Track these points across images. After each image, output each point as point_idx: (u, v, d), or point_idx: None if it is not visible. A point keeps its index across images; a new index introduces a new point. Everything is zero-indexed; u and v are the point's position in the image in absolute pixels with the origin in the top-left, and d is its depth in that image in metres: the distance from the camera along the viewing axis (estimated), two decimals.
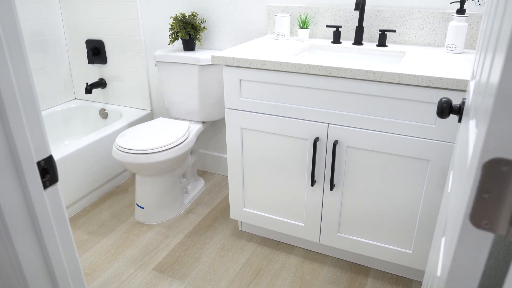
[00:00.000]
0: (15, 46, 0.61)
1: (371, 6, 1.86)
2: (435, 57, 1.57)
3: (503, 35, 0.51)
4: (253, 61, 1.56)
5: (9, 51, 0.60)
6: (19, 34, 0.61)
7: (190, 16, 2.15)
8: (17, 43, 0.61)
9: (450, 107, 0.99)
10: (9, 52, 0.60)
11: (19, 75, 0.62)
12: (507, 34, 0.47)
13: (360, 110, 1.48)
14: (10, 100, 0.61)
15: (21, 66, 0.62)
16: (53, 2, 2.63)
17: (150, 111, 2.68)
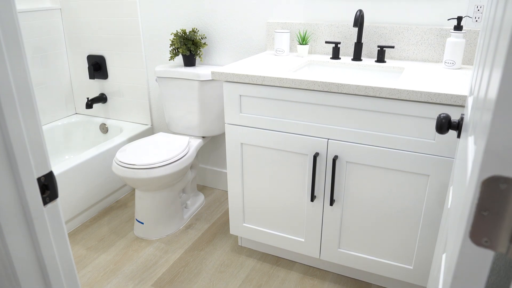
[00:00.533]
0: (18, 62, 0.62)
1: (370, 23, 1.88)
2: (433, 73, 1.58)
3: (499, 51, 0.52)
4: (253, 77, 1.58)
5: (12, 67, 0.61)
6: (22, 50, 0.62)
7: (190, 32, 2.18)
8: (19, 59, 0.62)
9: (449, 122, 1.00)
10: (11, 67, 0.61)
11: (21, 91, 0.63)
12: (503, 50, 0.47)
13: (359, 126, 1.48)
14: (12, 116, 0.61)
15: (23, 82, 0.63)
16: (56, 18, 2.66)
17: (150, 126, 2.69)
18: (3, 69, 0.59)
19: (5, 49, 0.59)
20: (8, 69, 0.60)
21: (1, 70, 0.58)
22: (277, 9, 2.06)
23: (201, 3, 2.23)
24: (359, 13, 1.68)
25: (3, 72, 0.59)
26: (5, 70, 0.59)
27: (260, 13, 2.10)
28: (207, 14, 2.24)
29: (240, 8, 2.14)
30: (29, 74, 0.64)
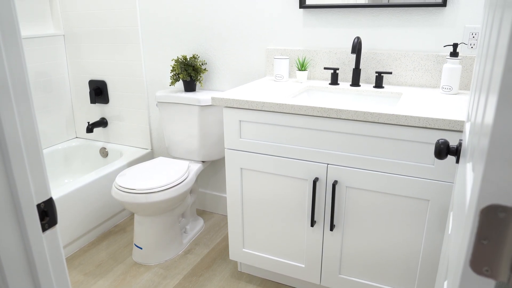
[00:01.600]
0: (22, 91, 0.63)
1: (367, 49, 1.91)
2: (431, 98, 1.60)
3: (494, 76, 0.53)
4: (253, 103, 1.59)
5: (15, 96, 0.62)
6: (26, 80, 0.63)
7: (191, 58, 2.21)
8: (24, 89, 0.63)
9: (448, 148, 1.01)
10: (15, 97, 0.62)
11: (24, 119, 0.64)
12: (498, 75, 0.48)
13: (359, 151, 1.49)
14: (13, 141, 0.62)
15: (26, 110, 0.64)
16: (59, 44, 2.71)
17: (150, 150, 2.70)
18: (7, 101, 0.60)
19: (12, 90, 0.60)
20: (13, 104, 0.61)
21: (5, 101, 0.59)
22: (276, 36, 2.10)
23: (202, 30, 2.28)
24: (356, 40, 1.72)
25: (7, 102, 0.60)
26: (9, 102, 0.60)
27: (259, 39, 2.14)
28: (208, 41, 2.28)
29: (240, 34, 2.18)
30: (33, 105, 0.65)
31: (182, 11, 2.30)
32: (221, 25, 2.22)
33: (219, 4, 2.19)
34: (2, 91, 0.59)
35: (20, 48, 0.62)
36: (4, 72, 0.59)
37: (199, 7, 2.25)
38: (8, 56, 0.60)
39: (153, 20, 2.41)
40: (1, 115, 0.60)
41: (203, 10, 2.24)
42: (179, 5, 2.30)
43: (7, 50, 0.60)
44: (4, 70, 0.59)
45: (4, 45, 0.59)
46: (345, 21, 1.93)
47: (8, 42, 0.60)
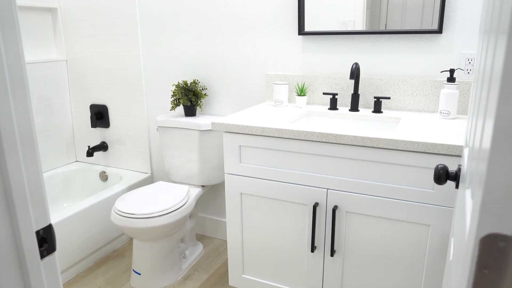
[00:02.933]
0: (24, 112, 0.63)
1: (366, 75, 1.94)
2: (429, 123, 1.61)
3: (491, 101, 0.53)
4: (253, 128, 1.61)
5: (19, 131, 0.63)
6: (31, 120, 0.64)
7: (191, 84, 2.24)
8: (27, 127, 0.64)
9: (447, 173, 1.01)
10: (19, 134, 0.62)
11: (25, 143, 0.64)
12: (494, 100, 0.49)
13: (358, 176, 1.49)
14: (15, 168, 0.62)
15: (28, 133, 0.64)
16: (61, 68, 2.75)
17: (150, 175, 2.70)
18: (9, 121, 0.61)
19: (11, 101, 0.61)
20: (13, 120, 0.61)
21: (7, 122, 0.60)
22: (276, 62, 2.13)
23: (203, 55, 2.31)
24: (355, 66, 1.74)
25: (9, 124, 0.61)
26: (11, 121, 0.61)
27: (259, 65, 2.17)
28: (208, 66, 2.31)
29: (240, 60, 2.22)
30: (34, 127, 0.66)
31: (184, 37, 2.34)
32: (221, 50, 2.26)
33: (220, 31, 2.23)
34: (5, 129, 0.60)
35: (27, 96, 0.63)
36: (10, 117, 0.60)
37: (200, 34, 2.29)
38: (14, 98, 0.61)
39: (155, 46, 2.45)
40: (3, 146, 0.60)
41: (204, 36, 2.28)
42: (181, 32, 2.34)
43: (14, 98, 0.61)
44: (10, 115, 0.60)
45: (10, 88, 0.60)
46: (343, 47, 1.96)
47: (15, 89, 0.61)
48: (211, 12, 2.23)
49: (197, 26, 2.29)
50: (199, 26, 2.29)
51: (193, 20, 2.29)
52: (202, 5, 2.25)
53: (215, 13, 2.22)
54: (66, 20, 2.70)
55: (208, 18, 2.25)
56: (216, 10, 2.22)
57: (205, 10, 2.24)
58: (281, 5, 2.05)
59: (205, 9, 2.24)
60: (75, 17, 2.66)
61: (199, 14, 2.27)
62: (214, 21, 2.24)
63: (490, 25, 0.69)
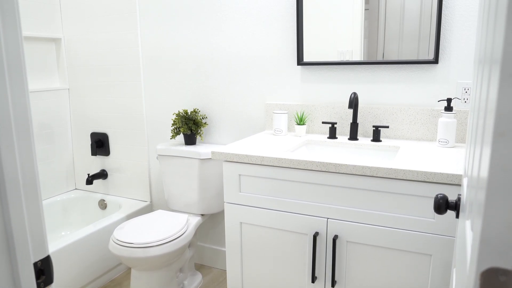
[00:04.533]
0: (26, 144, 0.64)
1: (364, 104, 1.96)
2: (428, 152, 1.62)
3: (487, 129, 0.54)
4: (252, 157, 1.61)
5: (20, 155, 0.63)
6: (31, 130, 0.65)
7: (192, 113, 2.26)
8: (27, 140, 0.64)
9: (447, 203, 1.01)
10: (20, 155, 0.63)
11: (27, 176, 0.64)
12: (490, 129, 0.49)
13: (358, 205, 1.49)
14: (15, 198, 0.62)
15: (29, 169, 0.65)
16: (63, 97, 2.78)
17: (149, 203, 2.69)
18: (12, 156, 0.61)
19: (16, 142, 0.62)
20: (16, 156, 0.62)
21: (10, 156, 0.61)
22: (275, 91, 2.16)
23: (203, 85, 2.35)
24: (353, 95, 1.77)
25: (12, 160, 0.61)
26: (13, 158, 0.62)
27: (259, 94, 2.20)
28: (209, 95, 2.34)
29: (239, 90, 2.25)
30: (36, 161, 0.67)
31: (184, 66, 2.39)
32: (221, 80, 2.29)
33: (220, 61, 2.27)
34: (6, 140, 0.61)
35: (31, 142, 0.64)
36: (10, 121, 0.61)
37: (201, 63, 2.33)
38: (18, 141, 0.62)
39: (156, 75, 2.49)
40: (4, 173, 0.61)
41: (204, 65, 2.32)
42: (182, 61, 2.39)
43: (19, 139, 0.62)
44: (10, 123, 0.61)
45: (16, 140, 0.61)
46: (342, 77, 1.99)
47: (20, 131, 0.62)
48: (212, 42, 2.28)
49: (197, 56, 2.34)
50: (199, 56, 2.33)
51: (194, 50, 2.34)
52: (202, 36, 2.30)
53: (215, 43, 2.27)
54: (70, 50, 2.75)
55: (209, 48, 2.29)
56: (216, 41, 2.27)
57: (206, 40, 2.29)
58: (281, 36, 2.10)
59: (205, 40, 2.29)
60: (78, 47, 2.72)
61: (199, 44, 2.32)
62: (214, 51, 2.28)
63: (484, 56, 0.70)
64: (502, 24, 0.48)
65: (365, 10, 1.88)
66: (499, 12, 0.53)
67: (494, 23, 0.57)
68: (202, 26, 2.29)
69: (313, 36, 2.00)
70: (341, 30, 1.94)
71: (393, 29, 1.84)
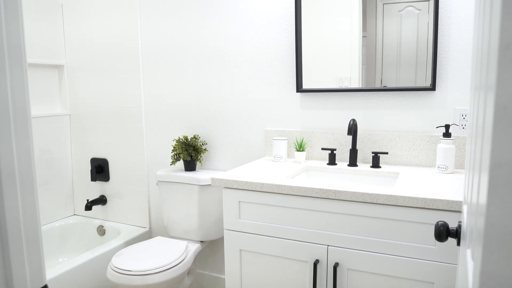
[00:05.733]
0: (28, 181, 0.65)
1: (363, 130, 1.98)
2: (427, 178, 1.62)
3: (485, 156, 0.54)
4: (252, 184, 1.61)
5: (22, 187, 0.64)
6: (33, 172, 0.65)
7: (192, 139, 2.28)
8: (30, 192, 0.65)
9: (447, 230, 1.00)
10: (22, 190, 0.63)
11: (27, 211, 0.65)
12: (487, 154, 0.50)
13: (359, 232, 1.48)
14: (14, 228, 0.62)
15: (30, 203, 0.65)
16: (64, 123, 2.80)
17: (148, 229, 2.66)
18: (13, 196, 0.62)
19: (18, 181, 0.62)
20: (18, 198, 0.62)
21: (11, 198, 0.61)
22: (275, 118, 2.18)
23: (203, 111, 2.37)
24: (352, 122, 1.78)
25: (13, 199, 0.62)
26: (14, 195, 0.62)
27: (258, 121, 2.22)
28: (208, 122, 2.36)
29: (240, 116, 2.27)
30: (37, 198, 0.67)
31: (185, 93, 2.42)
32: (221, 107, 2.32)
33: (220, 87, 2.30)
34: (8, 180, 0.61)
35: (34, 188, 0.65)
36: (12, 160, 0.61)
37: (201, 90, 2.36)
38: (17, 144, 0.63)
39: (157, 102, 2.52)
40: (4, 203, 0.61)
41: (205, 92, 2.35)
42: (182, 88, 2.42)
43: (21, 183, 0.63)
44: (12, 159, 0.61)
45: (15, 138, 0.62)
46: (340, 104, 2.01)
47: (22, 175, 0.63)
48: (212, 70, 2.32)
49: (198, 84, 2.37)
50: (200, 84, 2.36)
51: (194, 78, 2.37)
52: (203, 64, 2.34)
53: (216, 71, 2.31)
54: (72, 76, 2.79)
55: (209, 76, 2.33)
56: (216, 68, 2.30)
57: (207, 67, 2.33)
58: (280, 64, 2.14)
59: (206, 67, 2.33)
60: (80, 73, 2.76)
61: (200, 72, 2.35)
62: (215, 80, 2.31)
63: (480, 82, 0.71)
64: (495, 56, 0.49)
65: (362, 37, 1.92)
66: (492, 45, 0.54)
67: (488, 55, 0.59)
68: (203, 60, 2.33)
69: (312, 63, 2.04)
70: (340, 57, 1.98)
71: (390, 56, 1.88)
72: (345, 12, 1.94)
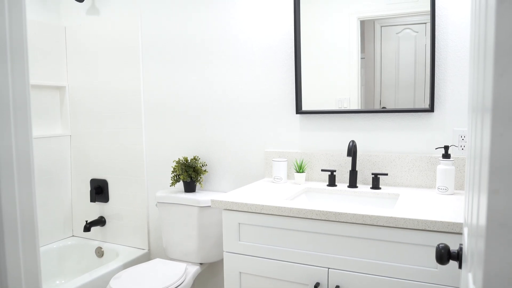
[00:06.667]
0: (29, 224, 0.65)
1: (362, 152, 1.98)
2: (428, 199, 1.62)
3: (483, 177, 0.55)
4: (252, 206, 1.61)
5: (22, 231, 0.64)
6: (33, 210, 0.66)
7: (192, 160, 2.28)
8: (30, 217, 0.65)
9: (449, 253, 0.99)
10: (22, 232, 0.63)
11: (25, 220, 0.65)
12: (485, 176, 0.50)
13: (360, 254, 1.47)
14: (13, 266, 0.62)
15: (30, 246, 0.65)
16: (65, 143, 2.81)
17: (147, 251, 2.64)
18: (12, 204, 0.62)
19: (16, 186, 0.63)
20: (17, 205, 0.62)
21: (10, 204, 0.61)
22: (275, 139, 2.19)
23: (203, 132, 2.38)
24: (352, 143, 1.79)
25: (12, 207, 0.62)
26: (14, 205, 0.62)
27: (258, 142, 2.23)
28: (209, 143, 2.37)
29: (239, 137, 2.28)
30: (37, 237, 0.67)
31: (185, 114, 2.43)
32: (222, 128, 2.33)
33: (220, 109, 2.32)
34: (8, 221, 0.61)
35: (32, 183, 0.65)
36: (14, 204, 0.62)
37: (201, 111, 2.38)
38: (20, 188, 0.63)
39: (157, 123, 2.53)
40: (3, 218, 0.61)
41: (205, 113, 2.37)
42: (183, 109, 2.44)
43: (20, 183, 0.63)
44: (14, 204, 0.62)
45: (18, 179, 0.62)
46: (340, 125, 2.03)
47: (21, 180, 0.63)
48: (212, 91, 2.34)
49: (198, 105, 2.39)
50: (200, 105, 2.38)
51: (194, 99, 2.39)
52: (204, 86, 2.36)
53: (216, 92, 2.33)
54: (73, 97, 2.81)
55: (209, 97, 2.35)
56: (216, 91, 2.32)
57: (207, 89, 2.35)
58: (280, 86, 2.16)
59: (206, 89, 2.35)
60: (81, 94, 2.78)
61: (201, 93, 2.37)
62: (215, 101, 2.33)
63: (477, 104, 0.72)
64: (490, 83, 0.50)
65: (361, 59, 1.95)
66: (487, 63, 0.55)
67: (484, 73, 0.60)
68: (203, 76, 2.36)
69: (311, 84, 2.06)
70: (339, 78, 2.00)
71: (389, 78, 1.90)
72: (344, 34, 1.97)
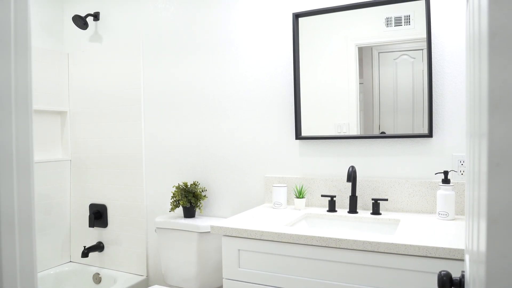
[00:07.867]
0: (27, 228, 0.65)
1: (362, 177, 1.99)
2: (428, 225, 1.61)
3: (482, 202, 0.55)
4: (252, 232, 1.60)
5: (20, 234, 0.64)
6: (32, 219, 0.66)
7: (192, 185, 2.28)
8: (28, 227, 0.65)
9: (451, 280, 0.98)
10: (20, 237, 0.63)
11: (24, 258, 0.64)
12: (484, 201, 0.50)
13: (361, 281, 1.45)
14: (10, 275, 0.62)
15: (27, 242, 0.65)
16: (65, 168, 2.81)
17: (145, 277, 2.60)
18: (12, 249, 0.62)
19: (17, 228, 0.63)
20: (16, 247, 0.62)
21: (10, 250, 0.61)
22: (274, 165, 2.19)
23: (203, 158, 2.39)
24: (351, 169, 1.79)
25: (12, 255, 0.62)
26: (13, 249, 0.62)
27: (258, 168, 2.23)
28: (208, 168, 2.37)
29: (239, 163, 2.28)
30: (34, 248, 0.67)
31: (185, 140, 2.44)
32: (221, 154, 2.34)
33: (220, 134, 2.33)
34: (7, 227, 0.61)
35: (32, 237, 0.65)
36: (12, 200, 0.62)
37: (201, 137, 2.39)
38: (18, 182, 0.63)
39: (157, 148, 2.54)
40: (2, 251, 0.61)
41: (205, 139, 2.38)
42: (183, 135, 2.45)
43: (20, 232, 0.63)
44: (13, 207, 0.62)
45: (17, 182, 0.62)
46: (339, 151, 2.03)
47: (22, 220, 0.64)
48: (212, 118, 2.36)
49: (198, 130, 2.40)
50: (200, 130, 2.40)
51: (195, 124, 2.41)
52: (204, 112, 2.38)
53: (216, 119, 2.35)
54: (74, 122, 2.83)
55: (209, 124, 2.37)
56: (217, 116, 2.34)
57: (207, 115, 2.37)
58: (279, 112, 2.18)
59: (207, 114, 2.37)
60: (82, 119, 2.80)
61: (201, 119, 2.39)
62: (215, 126, 2.35)
63: (473, 129, 0.73)
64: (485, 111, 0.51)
65: (359, 84, 1.97)
66: (482, 94, 0.56)
67: (479, 108, 0.61)
68: (204, 108, 2.39)
69: (310, 110, 2.08)
70: (338, 103, 2.02)
71: (387, 103, 1.92)
72: (342, 60, 2.00)
